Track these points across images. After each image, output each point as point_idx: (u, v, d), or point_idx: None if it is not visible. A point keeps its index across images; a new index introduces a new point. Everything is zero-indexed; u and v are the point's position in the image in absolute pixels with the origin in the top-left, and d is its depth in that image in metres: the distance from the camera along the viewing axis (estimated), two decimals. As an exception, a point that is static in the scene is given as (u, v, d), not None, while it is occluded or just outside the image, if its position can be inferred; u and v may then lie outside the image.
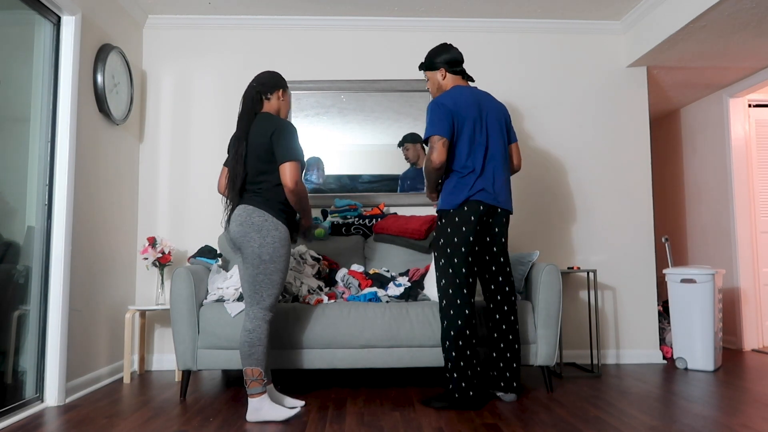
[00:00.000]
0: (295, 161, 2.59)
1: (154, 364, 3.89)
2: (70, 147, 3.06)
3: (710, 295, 3.77)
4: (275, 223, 2.60)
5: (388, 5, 3.91)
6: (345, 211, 3.86)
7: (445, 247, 2.81)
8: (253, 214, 2.59)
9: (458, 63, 2.95)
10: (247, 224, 2.58)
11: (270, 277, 2.60)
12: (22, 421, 2.63)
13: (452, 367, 2.76)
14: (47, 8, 2.99)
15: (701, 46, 3.82)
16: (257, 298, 2.61)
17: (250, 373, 2.57)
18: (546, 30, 4.19)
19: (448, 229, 2.82)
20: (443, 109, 2.79)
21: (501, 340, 2.90)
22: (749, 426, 2.44)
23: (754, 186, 4.77)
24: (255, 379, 2.57)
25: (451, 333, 2.76)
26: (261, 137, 2.63)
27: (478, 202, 2.80)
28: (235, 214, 2.64)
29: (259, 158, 2.63)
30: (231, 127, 4.05)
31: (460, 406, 2.75)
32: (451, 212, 2.82)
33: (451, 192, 2.83)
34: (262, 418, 2.56)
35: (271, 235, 2.58)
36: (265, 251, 2.57)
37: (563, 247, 4.11)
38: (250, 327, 2.59)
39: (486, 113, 2.88)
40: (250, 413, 2.57)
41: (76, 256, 3.14)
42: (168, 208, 4.00)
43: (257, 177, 2.64)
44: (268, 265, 2.59)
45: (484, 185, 2.81)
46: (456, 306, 2.77)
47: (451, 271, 2.79)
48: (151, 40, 4.09)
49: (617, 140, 4.18)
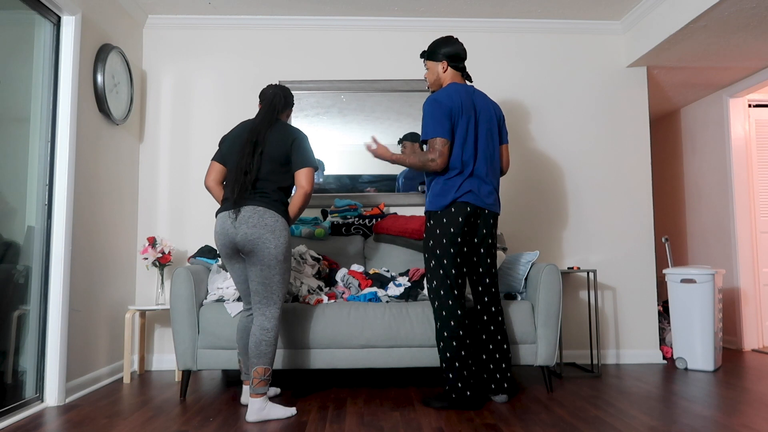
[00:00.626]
0: (313, 167, 2.73)
1: (154, 364, 3.89)
2: (70, 147, 3.06)
3: (710, 295, 3.77)
4: (284, 224, 2.66)
5: (387, 5, 3.91)
6: (345, 211, 3.86)
7: (435, 248, 2.82)
8: (264, 215, 2.61)
9: (460, 59, 2.93)
10: (261, 225, 2.59)
11: (283, 276, 2.66)
12: (22, 421, 2.63)
13: (448, 367, 2.76)
14: (47, 8, 2.99)
15: (701, 46, 3.82)
16: (274, 299, 2.65)
17: (262, 372, 2.59)
18: (546, 30, 4.19)
19: (436, 230, 2.82)
20: (443, 108, 2.78)
21: (490, 341, 2.89)
22: (749, 426, 2.44)
23: (754, 186, 4.77)
24: (264, 379, 2.59)
25: (444, 334, 2.76)
26: (281, 144, 2.71)
27: (465, 204, 2.80)
28: (244, 215, 2.60)
29: (273, 161, 2.69)
30: (231, 127, 4.05)
31: (460, 406, 2.75)
32: (439, 213, 2.82)
33: (438, 194, 2.82)
34: (266, 417, 2.58)
35: (283, 236, 2.63)
36: (280, 252, 2.62)
37: (563, 247, 4.11)
38: (269, 326, 2.62)
39: (479, 113, 2.87)
40: (252, 413, 2.56)
41: (76, 256, 3.14)
42: (168, 208, 4.00)
43: (267, 179, 2.68)
44: (283, 265, 2.65)
45: (471, 186, 2.80)
46: (447, 307, 2.77)
47: (441, 272, 2.80)
48: (151, 40, 4.09)
49: (617, 140, 4.18)
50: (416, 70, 4.14)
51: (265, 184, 2.68)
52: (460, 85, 2.88)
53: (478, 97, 2.91)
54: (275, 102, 2.82)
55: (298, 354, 3.05)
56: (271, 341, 2.61)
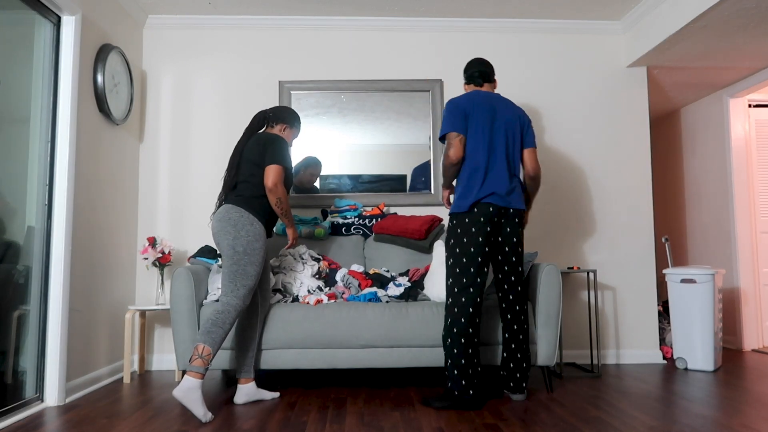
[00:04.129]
0: (279, 165, 2.82)
1: (154, 364, 3.89)
2: (70, 147, 3.06)
3: (710, 295, 3.77)
4: (251, 219, 2.78)
5: (387, 5, 3.91)
6: (345, 211, 3.86)
7: (455, 247, 2.86)
8: (231, 210, 2.78)
9: (473, 78, 3.08)
10: (225, 220, 2.77)
11: (244, 268, 2.73)
12: (22, 421, 2.63)
13: (453, 365, 2.77)
14: (47, 8, 2.98)
15: (701, 46, 3.82)
16: (232, 287, 2.73)
17: (201, 349, 2.59)
18: (546, 30, 4.19)
19: (458, 230, 2.87)
20: (458, 107, 2.92)
21: (512, 340, 2.92)
22: (749, 426, 2.44)
23: (754, 186, 4.77)
24: (202, 357, 2.58)
25: (454, 330, 2.78)
26: (256, 146, 2.88)
27: (488, 205, 2.84)
28: (217, 214, 2.83)
29: (251, 164, 2.86)
30: (231, 127, 4.05)
31: (460, 406, 2.75)
32: (461, 215, 2.86)
33: (460, 196, 2.88)
34: (187, 401, 2.52)
35: (245, 230, 2.75)
36: (238, 243, 2.73)
37: (563, 247, 4.11)
38: (220, 309, 2.70)
39: (498, 116, 2.95)
40: (179, 389, 2.52)
41: (76, 256, 3.14)
42: (168, 208, 4.00)
43: (246, 181, 2.86)
44: (242, 257, 2.73)
45: (493, 188, 2.85)
46: (461, 304, 2.79)
47: (458, 271, 2.82)
48: (151, 40, 4.09)
49: (617, 140, 4.18)
50: (416, 70, 4.14)
51: (244, 186, 2.85)
52: (480, 91, 3.02)
53: (499, 102, 3.00)
54: (257, 115, 3.04)
55: (298, 354, 3.05)
56: (217, 322, 2.64)
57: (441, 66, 4.15)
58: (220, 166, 4.03)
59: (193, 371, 2.57)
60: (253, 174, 2.85)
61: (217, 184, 4.02)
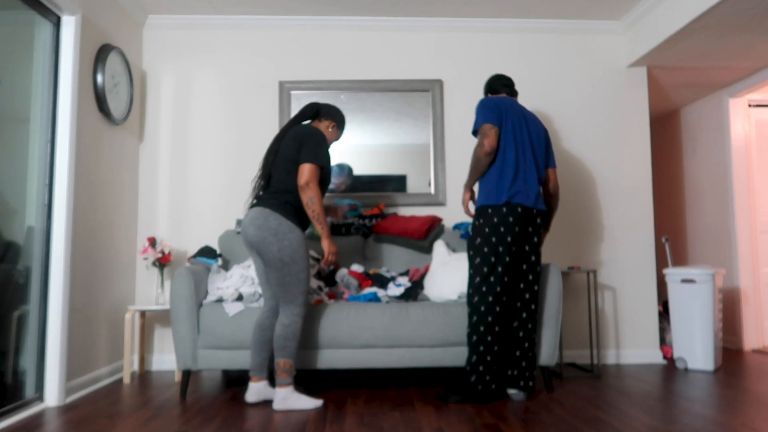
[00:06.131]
0: (314, 164, 2.74)
1: (154, 364, 3.89)
2: (70, 147, 3.06)
3: (710, 295, 3.77)
4: (290, 226, 2.72)
5: (388, 5, 3.91)
6: (345, 211, 3.86)
7: (482, 245, 2.88)
8: (269, 217, 2.71)
9: (501, 88, 3.19)
10: (264, 228, 2.70)
11: (296, 276, 2.73)
12: (22, 421, 2.63)
13: (478, 360, 2.83)
14: (47, 8, 2.98)
15: (701, 46, 3.82)
16: (290, 297, 2.74)
17: (282, 364, 2.72)
18: (546, 30, 4.19)
19: (486, 229, 2.89)
20: (493, 103, 2.99)
21: (526, 339, 2.96)
22: (749, 426, 2.44)
23: (754, 186, 4.77)
24: (285, 370, 2.73)
25: (480, 329, 2.83)
26: (293, 141, 2.81)
27: (517, 205, 2.88)
28: (250, 216, 2.75)
29: (287, 161, 2.79)
30: (231, 127, 4.05)
31: (478, 400, 2.82)
32: (491, 212, 2.89)
33: (493, 188, 2.91)
34: (289, 407, 2.72)
35: (287, 239, 2.70)
36: (285, 254, 2.69)
37: (563, 247, 4.11)
38: (286, 322, 2.73)
39: (529, 123, 3.03)
40: (277, 402, 2.72)
41: (76, 256, 3.14)
42: (168, 208, 4.00)
43: (280, 179, 2.79)
44: (292, 267, 2.71)
45: (523, 188, 2.90)
46: (488, 303, 2.84)
47: (486, 270, 2.86)
48: (151, 40, 4.09)
49: (617, 140, 4.18)
50: (416, 70, 4.14)
51: (278, 186, 2.79)
52: (510, 97, 3.10)
53: (528, 113, 3.09)
54: (305, 109, 2.95)
55: (298, 354, 3.05)
56: (288, 336, 2.72)
57: (441, 66, 4.15)
58: (220, 166, 4.03)
59: (282, 383, 2.72)
60: (288, 171, 2.79)
61: (216, 184, 4.02)
